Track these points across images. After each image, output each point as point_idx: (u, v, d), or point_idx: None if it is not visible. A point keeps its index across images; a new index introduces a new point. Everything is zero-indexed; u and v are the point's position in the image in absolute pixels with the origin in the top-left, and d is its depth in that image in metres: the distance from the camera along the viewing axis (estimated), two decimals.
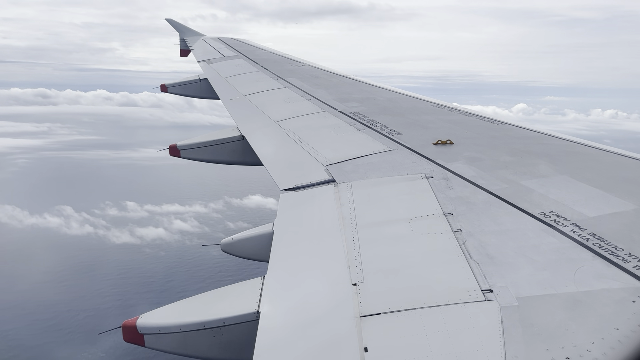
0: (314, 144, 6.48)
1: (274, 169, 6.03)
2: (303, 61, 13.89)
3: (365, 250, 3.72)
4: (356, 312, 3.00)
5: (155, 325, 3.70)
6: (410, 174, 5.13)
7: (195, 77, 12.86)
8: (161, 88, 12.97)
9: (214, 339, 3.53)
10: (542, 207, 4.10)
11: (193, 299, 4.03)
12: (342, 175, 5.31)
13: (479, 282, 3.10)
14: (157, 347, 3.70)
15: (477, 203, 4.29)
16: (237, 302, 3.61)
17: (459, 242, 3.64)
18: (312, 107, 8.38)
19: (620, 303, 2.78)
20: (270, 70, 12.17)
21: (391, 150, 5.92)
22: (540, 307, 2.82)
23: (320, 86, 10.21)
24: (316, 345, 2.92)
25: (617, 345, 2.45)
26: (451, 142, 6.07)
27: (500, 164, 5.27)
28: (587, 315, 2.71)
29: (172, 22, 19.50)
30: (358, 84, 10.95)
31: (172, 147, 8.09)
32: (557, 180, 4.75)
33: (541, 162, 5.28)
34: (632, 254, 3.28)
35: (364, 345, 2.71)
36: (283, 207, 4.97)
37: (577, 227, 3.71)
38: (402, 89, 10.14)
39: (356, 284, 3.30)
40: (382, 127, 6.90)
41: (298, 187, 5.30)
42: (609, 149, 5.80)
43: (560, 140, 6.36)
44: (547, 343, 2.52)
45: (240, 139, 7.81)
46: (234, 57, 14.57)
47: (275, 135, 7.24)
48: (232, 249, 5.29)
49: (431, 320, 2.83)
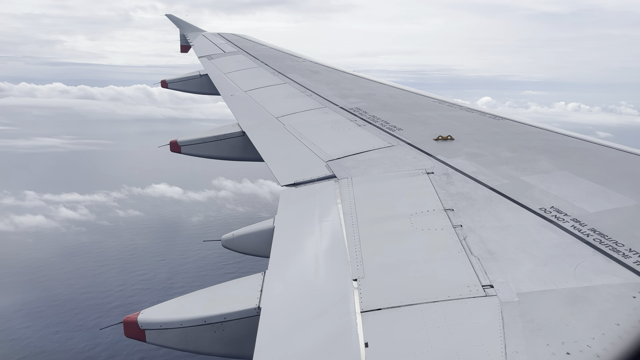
0: (314, 139, 6.47)
1: (274, 165, 6.03)
2: (304, 57, 13.87)
3: (366, 246, 3.72)
4: (357, 307, 3.01)
5: (156, 320, 3.71)
6: (411, 170, 5.12)
7: (196, 73, 12.84)
8: (162, 84, 12.95)
9: (214, 334, 3.54)
10: (543, 202, 4.10)
11: (194, 294, 4.04)
12: (342, 171, 5.31)
13: (480, 278, 3.11)
14: (158, 342, 3.71)
15: (477, 199, 4.29)
16: (238, 297, 3.62)
17: (459, 237, 3.64)
18: (313, 103, 8.37)
19: (620, 298, 2.78)
20: (270, 66, 12.15)
21: (392, 146, 5.92)
22: (541, 302, 2.82)
23: (321, 82, 10.19)
24: (317, 341, 2.93)
25: (618, 340, 2.45)
26: (452, 138, 6.07)
27: (501, 159, 5.26)
28: (587, 311, 2.71)
29: (172, 17, 19.45)
30: (359, 79, 10.92)
31: (173, 143, 8.09)
32: (557, 176, 4.75)
33: (542, 157, 5.27)
34: (633, 249, 3.28)
35: (364, 340, 2.71)
36: (284, 203, 4.97)
37: (578, 222, 3.71)
38: (402, 85, 10.13)
39: (357, 279, 3.30)
40: (383, 123, 6.89)
41: (299, 183, 5.30)
42: (610, 144, 5.78)
43: (561, 135, 6.35)
44: (547, 338, 2.52)
45: (240, 134, 7.81)
46: (235, 53, 14.54)
47: (276, 131, 7.24)
48: (232, 245, 5.30)
49: (432, 316, 2.83)
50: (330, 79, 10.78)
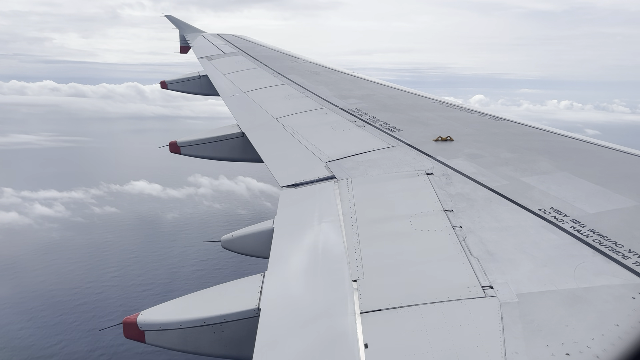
0: (314, 140, 6.47)
1: (274, 166, 6.03)
2: (303, 58, 13.88)
3: (366, 247, 3.72)
4: (356, 308, 3.01)
5: (156, 321, 3.70)
6: (411, 171, 5.12)
7: (196, 74, 12.84)
8: (161, 85, 12.97)
9: (214, 335, 3.54)
10: (543, 203, 4.10)
11: (193, 295, 4.03)
12: (342, 172, 5.31)
13: (479, 279, 3.11)
14: (158, 343, 3.71)
15: (477, 200, 4.29)
16: (237, 298, 3.62)
17: (459, 238, 3.64)
18: (312, 104, 8.37)
19: (620, 299, 2.78)
20: (270, 67, 12.15)
21: (391, 147, 5.92)
22: (541, 303, 2.82)
23: (321, 83, 10.20)
24: (316, 342, 2.93)
25: (617, 341, 2.45)
26: (451, 139, 6.07)
27: (501, 160, 5.26)
28: (587, 312, 2.71)
29: (171, 18, 19.46)
30: (358, 80, 10.93)
31: (172, 143, 8.09)
32: (557, 176, 4.75)
33: (542, 158, 5.28)
34: (632, 250, 3.28)
35: (364, 341, 2.71)
36: (283, 203, 4.96)
37: (577, 223, 3.71)
38: (402, 86, 10.14)
39: (356, 280, 3.30)
40: (383, 124, 6.90)
41: (298, 184, 5.30)
42: (610, 145, 5.79)
43: (561, 136, 6.36)
44: (547, 339, 2.52)
45: (240, 135, 7.81)
46: (234, 54, 14.55)
47: (276, 131, 7.24)
48: (232, 246, 5.30)
49: (431, 317, 2.83)
50: (330, 79, 10.79)
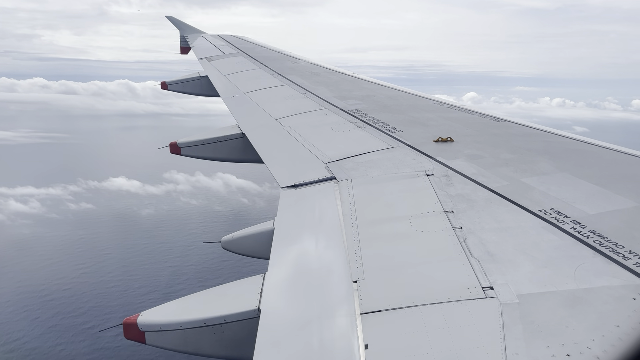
0: (314, 141, 6.47)
1: (274, 167, 6.03)
2: (303, 58, 13.89)
3: (366, 248, 3.72)
4: (356, 309, 3.01)
5: (156, 322, 3.70)
6: (411, 172, 5.12)
7: (196, 74, 12.84)
8: (161, 85, 12.97)
9: (214, 336, 3.54)
10: (543, 204, 4.10)
11: (194, 296, 4.03)
12: (342, 173, 5.31)
13: (480, 280, 3.10)
14: (158, 344, 3.71)
15: (477, 200, 4.29)
16: (237, 299, 3.62)
17: (459, 239, 3.64)
18: (313, 105, 8.37)
19: (620, 300, 2.78)
20: (270, 68, 12.16)
21: (392, 148, 5.92)
22: (541, 304, 2.82)
23: (321, 84, 10.20)
24: (317, 343, 2.93)
25: (618, 342, 2.45)
26: (452, 140, 6.07)
27: (501, 161, 5.26)
28: (587, 313, 2.71)
29: (172, 19, 19.46)
30: (358, 81, 10.94)
31: (173, 144, 8.09)
32: (557, 177, 4.75)
33: (542, 159, 5.28)
34: (633, 251, 3.28)
35: (364, 342, 2.71)
36: (283, 204, 4.96)
37: (578, 224, 3.71)
38: (402, 87, 10.14)
39: (356, 281, 3.30)
40: (383, 125, 6.90)
41: (298, 185, 5.30)
42: (610, 146, 5.79)
43: (561, 137, 6.36)
44: (547, 340, 2.52)
45: (240, 136, 7.81)
46: (234, 55, 14.56)
47: (276, 132, 7.24)
48: (232, 247, 5.30)
49: (431, 318, 2.83)
50: (330, 80, 10.80)
